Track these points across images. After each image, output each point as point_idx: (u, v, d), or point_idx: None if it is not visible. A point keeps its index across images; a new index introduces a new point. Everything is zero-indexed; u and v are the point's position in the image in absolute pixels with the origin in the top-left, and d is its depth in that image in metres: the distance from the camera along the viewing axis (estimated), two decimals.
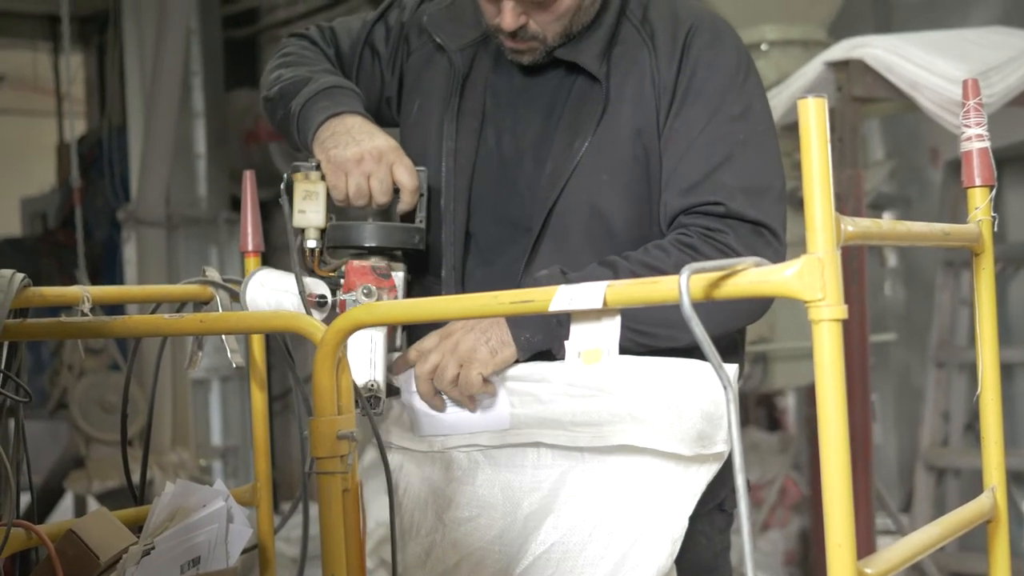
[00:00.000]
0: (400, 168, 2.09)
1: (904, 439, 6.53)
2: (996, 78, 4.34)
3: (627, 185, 2.10)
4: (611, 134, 2.10)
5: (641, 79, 2.12)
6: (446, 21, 2.25)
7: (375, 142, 2.09)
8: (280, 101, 2.24)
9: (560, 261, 2.05)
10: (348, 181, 2.07)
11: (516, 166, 2.16)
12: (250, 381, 2.41)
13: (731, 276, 1.42)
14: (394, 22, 2.32)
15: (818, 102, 1.38)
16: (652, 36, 2.15)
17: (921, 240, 1.76)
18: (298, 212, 2.11)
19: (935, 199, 6.11)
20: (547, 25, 2.10)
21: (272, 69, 2.31)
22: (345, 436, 1.66)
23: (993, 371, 1.90)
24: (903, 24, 6.29)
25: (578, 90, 2.15)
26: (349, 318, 1.66)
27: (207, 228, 7.06)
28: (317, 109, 2.15)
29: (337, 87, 2.19)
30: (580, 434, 1.91)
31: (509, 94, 2.20)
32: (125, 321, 1.91)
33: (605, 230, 2.10)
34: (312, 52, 2.33)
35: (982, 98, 1.95)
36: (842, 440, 1.36)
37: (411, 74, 2.28)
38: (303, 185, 2.10)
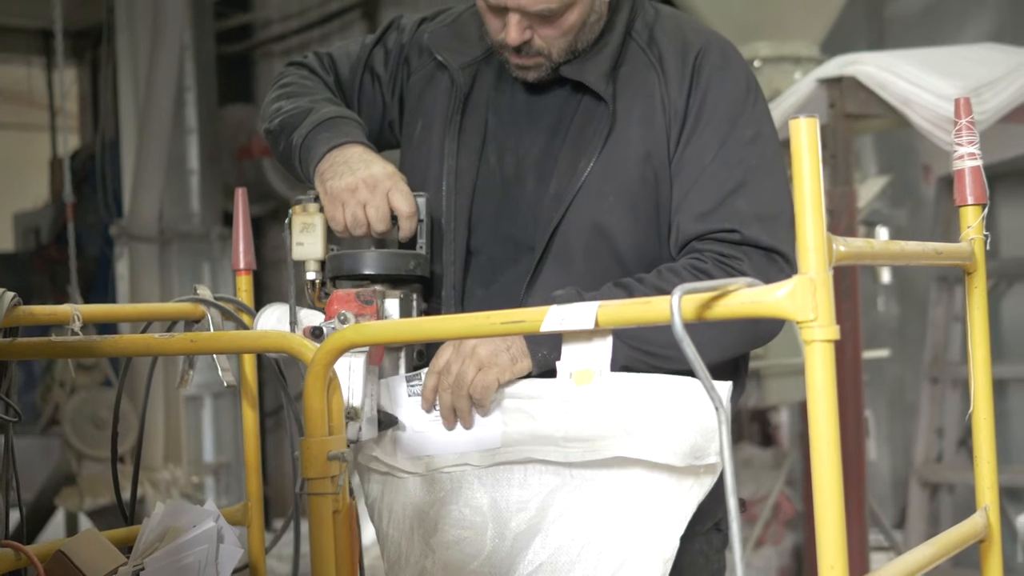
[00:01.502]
0: (396, 194, 2.06)
1: (898, 455, 6.52)
2: (988, 94, 4.35)
3: (633, 206, 2.10)
4: (617, 155, 2.10)
5: (650, 102, 2.12)
6: (448, 39, 2.25)
7: (371, 170, 2.07)
8: (282, 133, 2.22)
9: (564, 281, 2.05)
10: (344, 211, 2.05)
11: (518, 185, 2.15)
12: (241, 400, 2.40)
13: (723, 297, 1.41)
14: (393, 44, 2.31)
15: (809, 122, 1.38)
16: (660, 59, 2.14)
17: (913, 259, 1.76)
18: (296, 245, 2.10)
19: (928, 215, 6.11)
20: (552, 41, 2.10)
21: (272, 100, 2.29)
22: (336, 457, 1.66)
23: (985, 390, 1.89)
24: (896, 40, 6.30)
25: (583, 110, 2.14)
26: (339, 339, 1.66)
27: (200, 244, 7.05)
28: (319, 141, 2.13)
29: (338, 117, 2.17)
30: (572, 449, 1.90)
31: (511, 113, 2.19)
32: (115, 340, 1.90)
33: (609, 251, 2.10)
34: (312, 81, 2.31)
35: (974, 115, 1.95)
36: (834, 460, 1.35)
37: (412, 95, 2.27)
38: (301, 218, 2.09)
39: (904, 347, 6.45)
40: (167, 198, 6.97)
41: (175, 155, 7.00)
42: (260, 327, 2.09)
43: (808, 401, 1.37)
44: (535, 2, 2.04)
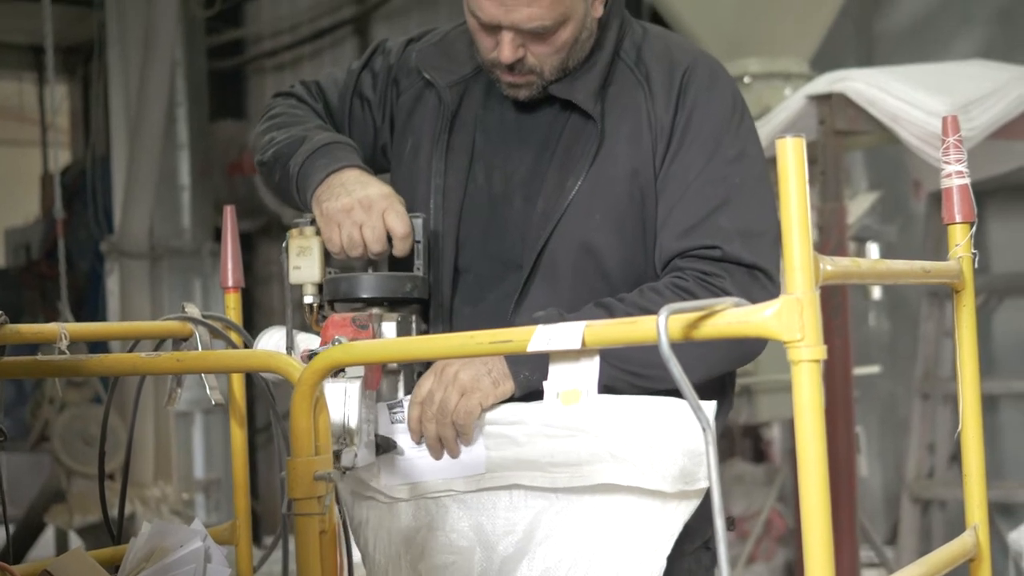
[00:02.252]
0: (391, 215, 2.05)
1: (889, 471, 6.52)
2: (977, 111, 4.36)
3: (621, 225, 2.10)
4: (605, 173, 2.10)
5: (637, 120, 2.12)
6: (436, 58, 2.25)
7: (367, 191, 2.06)
8: (276, 164, 2.22)
9: (551, 300, 2.05)
10: (340, 232, 2.05)
11: (505, 203, 2.16)
12: (230, 418, 2.39)
13: (710, 317, 1.41)
14: (380, 67, 2.32)
15: (796, 142, 1.38)
16: (647, 78, 2.15)
17: (901, 278, 1.77)
18: (293, 269, 2.09)
19: (919, 230, 6.12)
20: (545, 58, 2.10)
21: (263, 132, 2.29)
22: (322, 477, 1.65)
23: (974, 409, 1.90)
24: (885, 57, 6.32)
25: (571, 128, 2.14)
26: (326, 359, 1.65)
27: (191, 260, 7.04)
28: (316, 168, 2.13)
29: (334, 143, 2.17)
30: (559, 475, 1.89)
31: (499, 131, 2.20)
32: (102, 360, 1.90)
33: (597, 269, 2.10)
34: (301, 110, 2.31)
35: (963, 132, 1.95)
36: (822, 480, 1.35)
37: (401, 115, 2.27)
38: (297, 241, 2.09)
39: (895, 363, 6.45)
40: (158, 214, 6.96)
41: (166, 171, 7.00)
42: (260, 349, 2.08)
43: (795, 421, 1.37)
44: (529, 19, 2.04)
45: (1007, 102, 4.48)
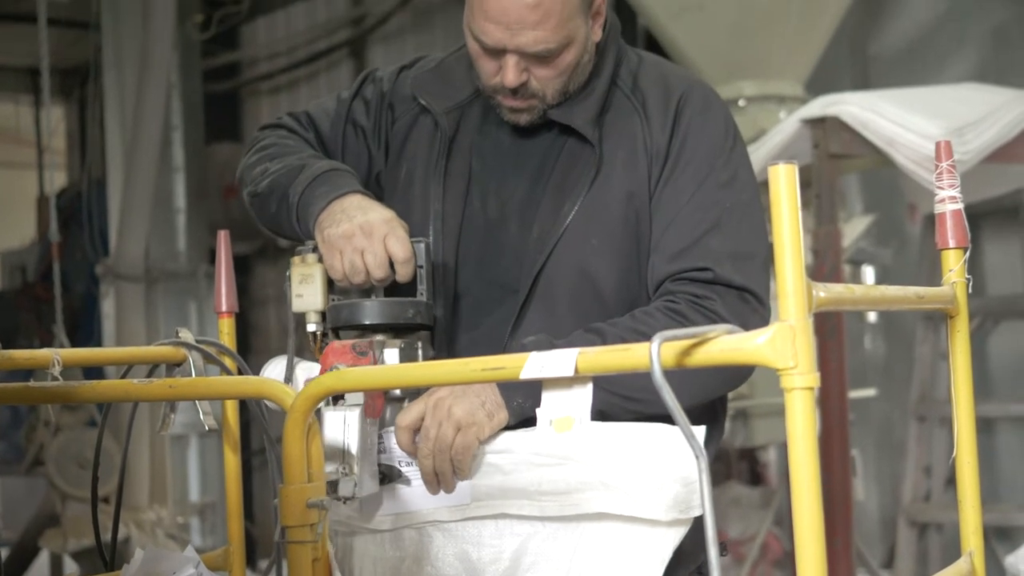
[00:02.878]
0: (392, 240, 2.03)
1: (886, 494, 6.51)
2: (971, 135, 4.36)
3: (617, 249, 2.11)
4: (602, 198, 2.11)
5: (633, 145, 2.14)
6: (432, 84, 2.26)
7: (368, 216, 2.05)
8: (272, 195, 2.20)
9: (548, 324, 2.05)
10: (342, 259, 2.03)
11: (501, 228, 2.16)
12: (223, 444, 2.38)
13: (703, 344, 1.41)
14: (372, 95, 2.31)
15: (788, 168, 1.38)
16: (643, 104, 2.17)
17: (895, 304, 1.76)
18: (296, 297, 2.07)
19: (914, 253, 6.13)
20: (547, 82, 2.11)
21: (254, 163, 2.27)
22: (315, 505, 1.64)
23: (969, 434, 1.89)
24: (880, 79, 6.33)
25: (568, 153, 2.15)
26: (319, 385, 1.65)
27: (186, 283, 7.05)
28: (317, 196, 2.12)
29: (333, 170, 2.16)
30: (547, 503, 1.88)
31: (496, 156, 2.20)
32: (94, 386, 1.89)
33: (593, 293, 2.10)
34: (293, 140, 2.30)
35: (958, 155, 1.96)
36: (815, 507, 1.35)
37: (396, 141, 2.28)
38: (299, 269, 2.07)
39: (891, 386, 6.45)
40: (153, 237, 6.96)
41: (162, 193, 7.00)
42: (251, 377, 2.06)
43: (789, 448, 1.37)
44: (535, 43, 2.05)
45: (1001, 125, 4.48)
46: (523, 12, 2.03)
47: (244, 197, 2.31)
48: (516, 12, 2.03)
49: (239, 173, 2.33)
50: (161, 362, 2.25)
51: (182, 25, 7.18)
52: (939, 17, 6.39)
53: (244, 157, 2.32)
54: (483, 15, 2.06)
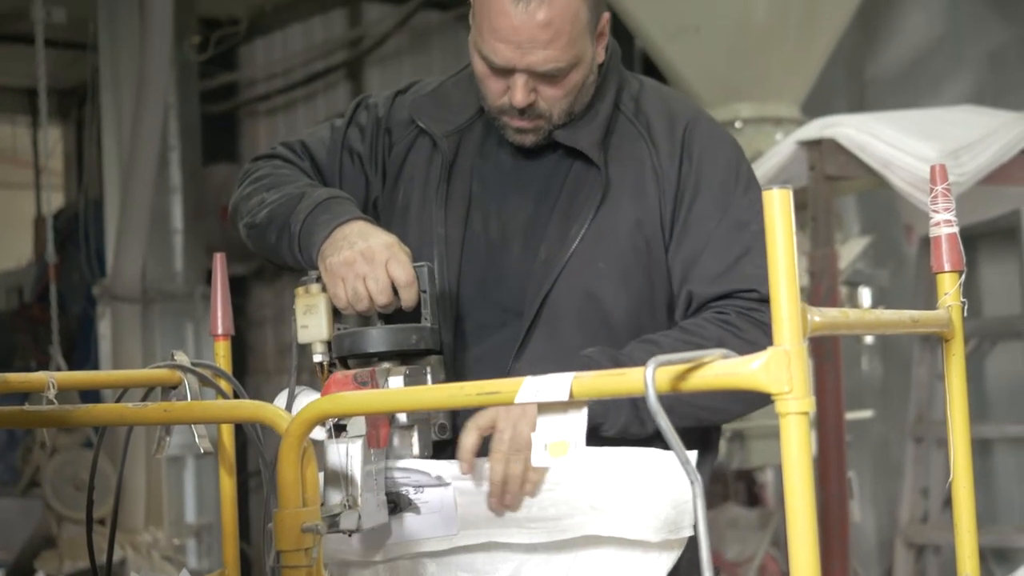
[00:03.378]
0: (393, 264, 2.02)
1: (883, 515, 6.50)
2: (967, 157, 4.37)
3: (624, 274, 2.12)
4: (609, 222, 2.12)
5: (640, 171, 2.15)
6: (430, 107, 2.26)
7: (369, 242, 2.03)
8: (271, 225, 2.19)
9: (553, 347, 2.06)
10: (345, 286, 2.02)
11: (503, 250, 2.17)
12: (219, 466, 2.38)
13: (697, 369, 1.41)
14: (367, 121, 2.31)
15: (782, 193, 1.38)
16: (649, 130, 2.19)
17: (890, 328, 1.76)
18: (301, 328, 2.05)
19: (911, 274, 6.13)
20: (555, 102, 2.12)
21: (250, 194, 2.26)
22: (310, 529, 1.64)
23: (965, 458, 1.89)
24: (876, 101, 6.35)
25: (574, 176, 2.16)
26: (313, 409, 1.64)
27: (183, 304, 7.04)
28: (318, 224, 2.10)
29: (333, 198, 2.15)
30: (536, 530, 1.88)
31: (497, 178, 2.21)
32: (89, 410, 1.89)
33: (600, 316, 2.11)
34: (288, 169, 2.29)
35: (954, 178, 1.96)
36: (810, 532, 1.35)
37: (394, 166, 2.27)
38: (303, 299, 2.05)
39: (888, 407, 6.45)
40: (150, 258, 6.96)
41: (159, 214, 7.00)
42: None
43: (784, 473, 1.36)
44: (545, 61, 2.07)
45: (997, 147, 4.49)
46: (534, 31, 2.04)
47: (240, 229, 2.29)
48: (528, 31, 2.04)
49: (233, 204, 2.31)
50: (157, 385, 2.24)
51: (179, 46, 7.19)
52: (935, 39, 6.41)
53: (237, 188, 2.31)
54: (493, 35, 2.06)
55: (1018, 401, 5.80)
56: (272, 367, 8.39)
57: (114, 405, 1.96)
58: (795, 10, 5.34)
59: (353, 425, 1.87)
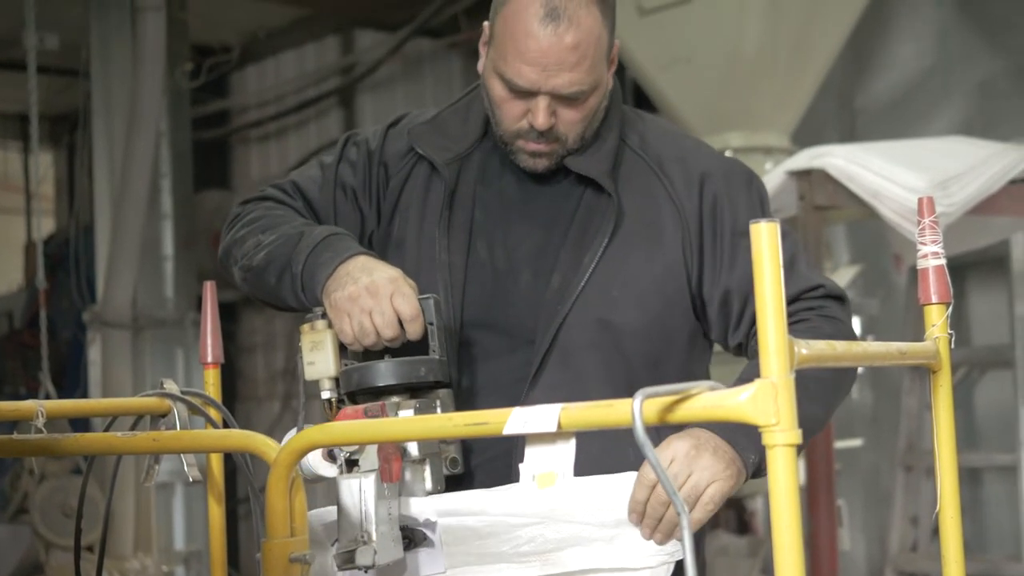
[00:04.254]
0: (398, 298, 2.00)
1: (873, 544, 6.50)
2: (956, 187, 4.39)
3: (639, 302, 2.13)
4: (622, 250, 2.14)
5: (654, 202, 2.18)
6: (430, 135, 2.26)
7: (373, 277, 2.02)
8: (270, 267, 2.17)
9: (567, 376, 2.07)
10: (351, 322, 2.00)
11: (510, 277, 2.17)
12: (208, 494, 2.38)
13: (685, 400, 1.42)
14: (357, 157, 2.31)
15: (770, 226, 1.39)
16: (660, 164, 2.21)
17: (877, 360, 1.78)
18: (308, 365, 2.03)
19: (900, 303, 6.15)
20: (571, 126, 2.13)
21: (244, 237, 2.24)
22: (298, 559, 1.64)
23: (952, 489, 1.90)
24: (866, 130, 6.38)
25: (585, 204, 2.18)
26: (302, 439, 1.65)
27: (174, 330, 7.03)
28: (321, 263, 2.09)
29: (332, 235, 2.14)
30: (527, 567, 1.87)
31: (500, 206, 2.22)
32: (78, 439, 1.89)
33: (613, 344, 2.12)
34: (282, 210, 2.28)
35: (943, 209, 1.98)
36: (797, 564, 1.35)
37: (390, 199, 2.27)
38: (310, 336, 2.03)
39: (878, 436, 6.45)
40: (141, 284, 6.94)
41: (150, 241, 6.99)
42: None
43: (771, 505, 1.37)
44: (570, 84, 2.08)
45: (986, 178, 4.51)
46: (563, 54, 2.05)
47: (234, 273, 2.27)
48: (556, 54, 2.05)
49: (224, 248, 2.30)
50: (146, 413, 2.24)
51: (172, 73, 7.20)
52: (925, 70, 6.44)
53: (228, 232, 2.30)
54: (519, 58, 2.07)
55: (1007, 430, 5.80)
56: (262, 393, 8.38)
57: (103, 434, 1.96)
58: (785, 41, 5.37)
59: (365, 460, 1.86)
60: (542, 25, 2.05)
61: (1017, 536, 5.67)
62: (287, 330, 8.20)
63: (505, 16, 2.10)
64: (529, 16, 2.06)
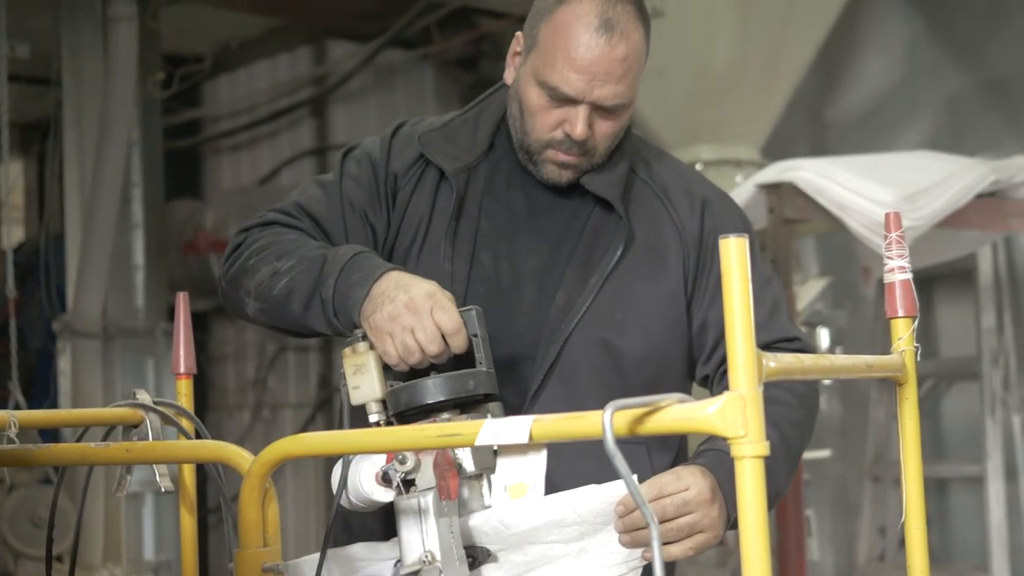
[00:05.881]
0: (438, 312, 1.95)
1: (841, 554, 6.53)
2: (924, 201, 4.43)
3: (642, 325, 2.16)
4: (629, 273, 2.16)
5: (658, 226, 2.21)
6: (441, 143, 2.25)
7: (410, 293, 1.97)
8: (292, 296, 2.10)
9: (567, 394, 2.08)
10: (394, 342, 1.95)
11: (515, 293, 2.17)
12: (179, 505, 2.38)
13: (655, 412, 1.43)
14: (360, 170, 2.27)
15: (739, 241, 1.41)
16: (665, 191, 2.25)
17: (844, 373, 1.80)
18: (353, 389, 1.96)
19: (868, 316, 6.19)
20: (603, 139, 2.15)
21: (255, 266, 2.16)
22: (271, 569, 1.65)
23: (918, 500, 1.92)
24: (836, 145, 6.42)
25: (593, 224, 2.20)
26: (275, 450, 1.66)
27: (144, 340, 7.00)
28: (353, 285, 2.03)
29: (357, 255, 2.08)
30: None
31: (507, 220, 2.22)
32: (51, 449, 1.90)
33: (613, 366, 2.14)
34: (294, 234, 2.20)
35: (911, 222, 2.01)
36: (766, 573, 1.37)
37: (400, 208, 2.24)
38: (351, 360, 1.97)
39: (846, 447, 6.49)
40: (111, 294, 6.91)
41: (120, 250, 6.96)
42: (334, 478, 1.93)
43: (739, 515, 1.39)
44: (614, 96, 2.11)
45: (953, 192, 4.56)
46: (612, 64, 2.07)
47: (245, 305, 2.19)
48: (606, 64, 2.07)
49: (231, 279, 2.21)
50: (118, 424, 2.24)
51: (143, 82, 7.18)
52: (894, 85, 6.50)
53: (234, 262, 2.22)
54: (569, 65, 2.08)
55: (974, 441, 5.85)
56: (233, 403, 8.37)
57: (76, 445, 1.96)
58: (756, 55, 5.41)
59: (421, 479, 1.82)
60: (596, 35, 2.07)
61: (983, 547, 5.72)
62: (258, 341, 8.19)
63: (554, 24, 2.11)
64: (583, 25, 2.07)
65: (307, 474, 7.88)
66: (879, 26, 6.54)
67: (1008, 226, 5.06)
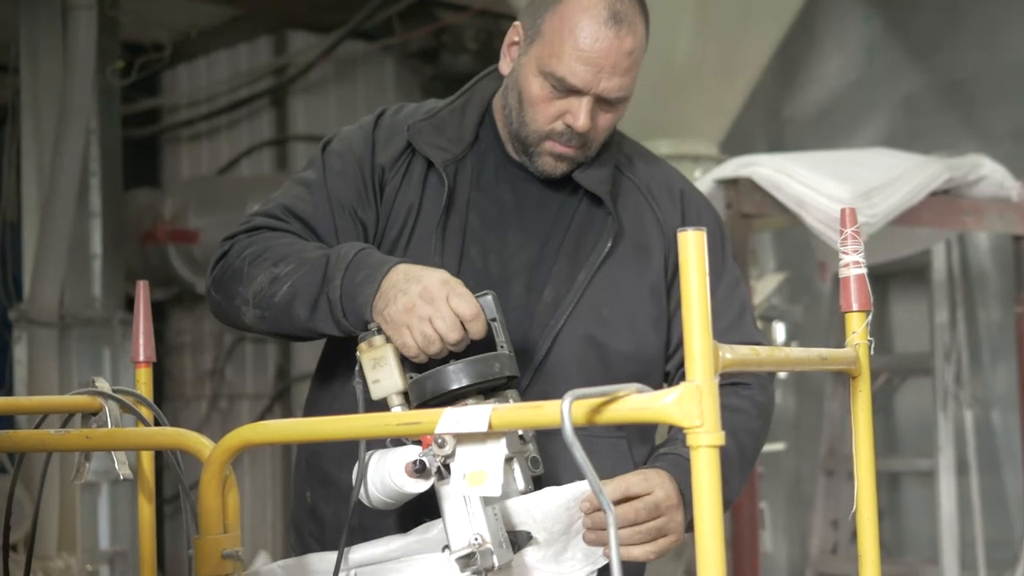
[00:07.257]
0: (455, 299, 1.93)
1: (794, 546, 6.60)
2: (879, 198, 4.48)
3: (629, 320, 2.17)
4: (615, 270, 2.18)
5: (642, 222, 2.22)
6: (430, 134, 2.24)
7: (422, 283, 1.95)
8: (295, 301, 2.07)
9: (554, 389, 2.07)
10: (412, 334, 1.93)
11: (504, 287, 2.15)
12: (138, 493, 2.38)
13: (613, 402, 1.45)
14: (345, 166, 2.24)
15: (697, 234, 1.44)
16: (648, 186, 2.26)
17: (799, 365, 1.82)
18: (373, 384, 1.94)
19: (824, 310, 6.25)
20: (601, 132, 2.16)
21: (251, 273, 2.12)
22: (230, 556, 1.66)
23: (870, 493, 1.95)
24: (794, 141, 6.48)
25: (580, 219, 2.20)
26: (235, 437, 1.67)
27: (101, 329, 6.96)
28: (360, 283, 2.01)
29: (360, 252, 2.05)
30: None
31: (496, 214, 2.22)
32: (10, 436, 1.90)
33: (600, 360, 2.16)
34: (287, 238, 2.17)
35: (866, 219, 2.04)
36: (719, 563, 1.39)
37: (388, 201, 2.22)
38: (369, 354, 1.95)
39: (800, 440, 6.55)
40: (68, 283, 6.87)
41: (78, 239, 6.92)
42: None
43: (695, 505, 1.41)
44: (619, 88, 2.12)
45: (908, 189, 4.61)
46: (619, 57, 2.09)
47: (242, 314, 2.15)
48: (614, 57, 2.08)
49: (224, 289, 2.17)
50: (77, 411, 2.24)
51: (102, 70, 7.14)
52: (851, 84, 6.56)
53: (223, 272, 2.18)
54: (576, 55, 2.08)
55: (926, 436, 5.92)
56: (190, 393, 8.34)
57: (35, 431, 1.96)
58: (715, 51, 5.44)
59: (457, 464, 1.79)
60: (605, 27, 2.08)
61: (934, 540, 5.79)
62: (215, 331, 8.17)
63: (562, 15, 2.11)
64: (592, 17, 2.08)
65: (264, 464, 7.87)
66: (837, 25, 6.60)
67: (962, 224, 5.13)
